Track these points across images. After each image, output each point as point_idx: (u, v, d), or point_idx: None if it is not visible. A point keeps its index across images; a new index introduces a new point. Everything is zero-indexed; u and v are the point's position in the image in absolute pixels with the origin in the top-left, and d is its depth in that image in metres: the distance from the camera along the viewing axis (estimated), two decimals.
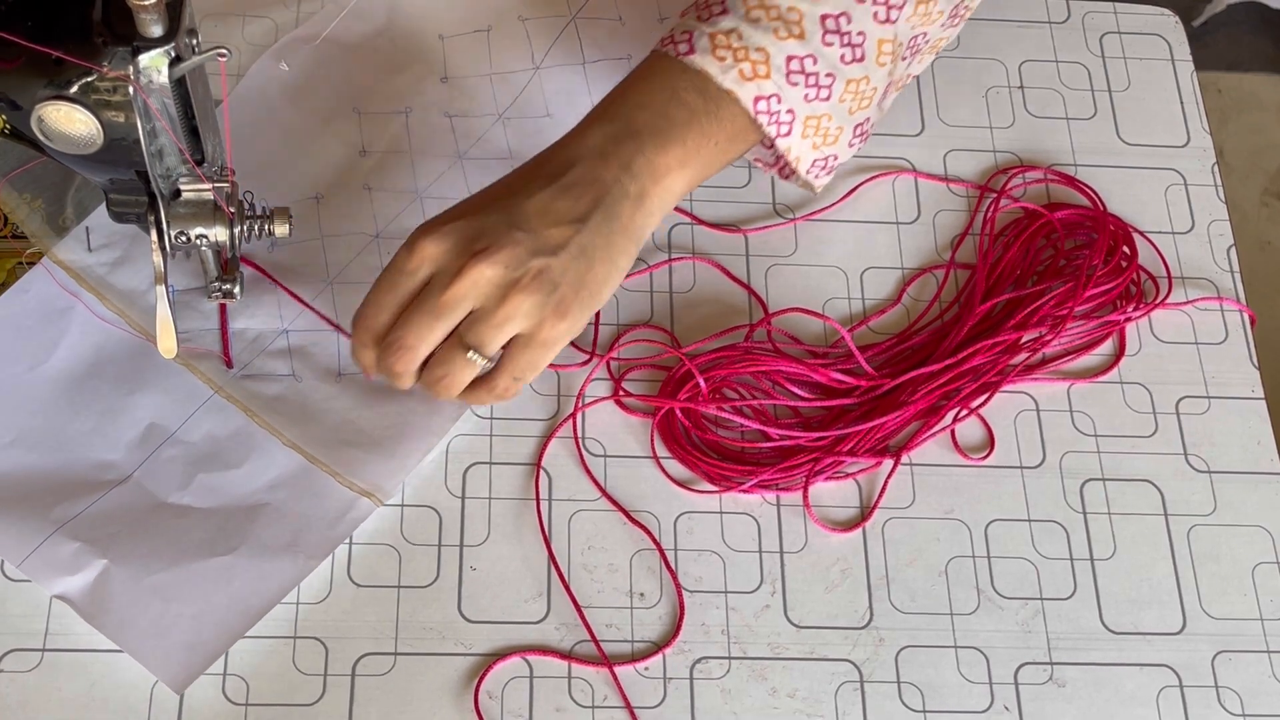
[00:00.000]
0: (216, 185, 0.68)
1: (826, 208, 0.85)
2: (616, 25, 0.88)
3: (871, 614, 0.74)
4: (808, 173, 0.75)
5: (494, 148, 0.84)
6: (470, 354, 0.68)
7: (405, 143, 0.84)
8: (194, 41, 0.63)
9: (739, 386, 0.78)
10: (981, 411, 0.79)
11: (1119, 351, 0.82)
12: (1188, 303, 0.84)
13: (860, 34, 0.71)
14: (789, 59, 0.70)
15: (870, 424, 0.77)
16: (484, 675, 0.70)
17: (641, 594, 0.74)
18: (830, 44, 0.71)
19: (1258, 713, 0.73)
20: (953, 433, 0.79)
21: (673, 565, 0.74)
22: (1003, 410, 0.80)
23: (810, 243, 0.84)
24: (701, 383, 0.76)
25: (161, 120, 0.63)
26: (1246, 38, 1.94)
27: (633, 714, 0.71)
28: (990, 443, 0.79)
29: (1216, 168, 0.89)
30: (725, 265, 0.82)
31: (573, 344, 0.79)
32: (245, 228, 0.70)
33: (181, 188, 0.68)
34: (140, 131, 0.63)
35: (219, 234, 0.68)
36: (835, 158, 0.75)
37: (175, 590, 0.70)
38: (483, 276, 0.66)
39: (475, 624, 0.72)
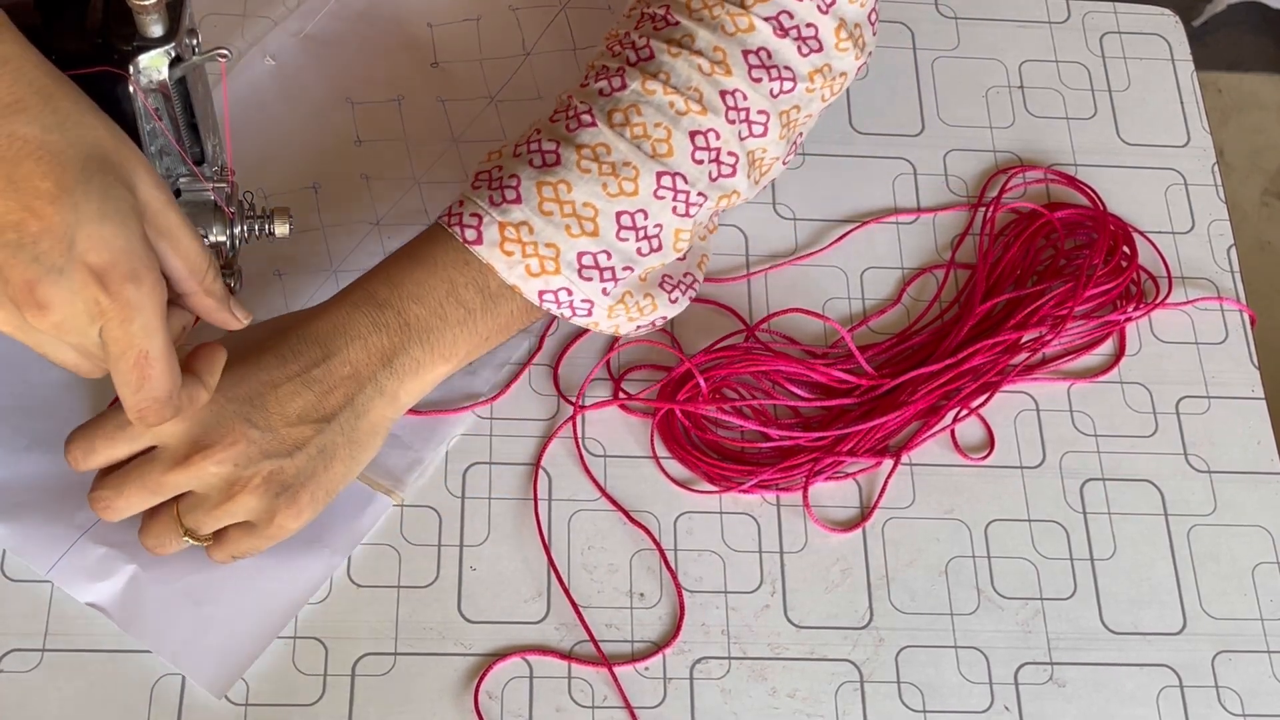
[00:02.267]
0: (216, 185, 0.68)
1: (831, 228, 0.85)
2: (606, 13, 0.89)
3: (871, 614, 0.74)
4: (637, 331, 0.73)
5: (487, 130, 0.85)
6: (184, 537, 0.66)
7: (399, 130, 0.84)
8: (194, 41, 0.63)
9: (739, 387, 0.78)
10: (981, 411, 0.79)
11: (1119, 351, 0.82)
12: (1188, 303, 0.84)
13: (658, 226, 0.69)
14: (580, 255, 0.68)
15: (870, 424, 0.77)
16: (484, 675, 0.70)
17: (641, 594, 0.74)
18: (625, 239, 0.68)
19: (1258, 713, 0.73)
20: (953, 433, 0.79)
21: (672, 565, 0.74)
22: (1003, 410, 0.80)
23: (810, 243, 0.84)
24: (702, 383, 0.76)
25: (160, 121, 0.63)
26: (1246, 38, 1.94)
27: (633, 714, 0.71)
28: (990, 443, 0.79)
29: (1216, 168, 0.89)
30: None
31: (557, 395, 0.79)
32: (245, 228, 0.70)
33: (181, 188, 0.68)
34: (140, 131, 0.63)
35: (219, 234, 0.68)
36: (664, 317, 0.72)
37: (206, 592, 0.70)
38: (206, 472, 0.64)
39: (475, 624, 0.72)
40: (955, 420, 0.79)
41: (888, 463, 0.77)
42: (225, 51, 0.62)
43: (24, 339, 0.58)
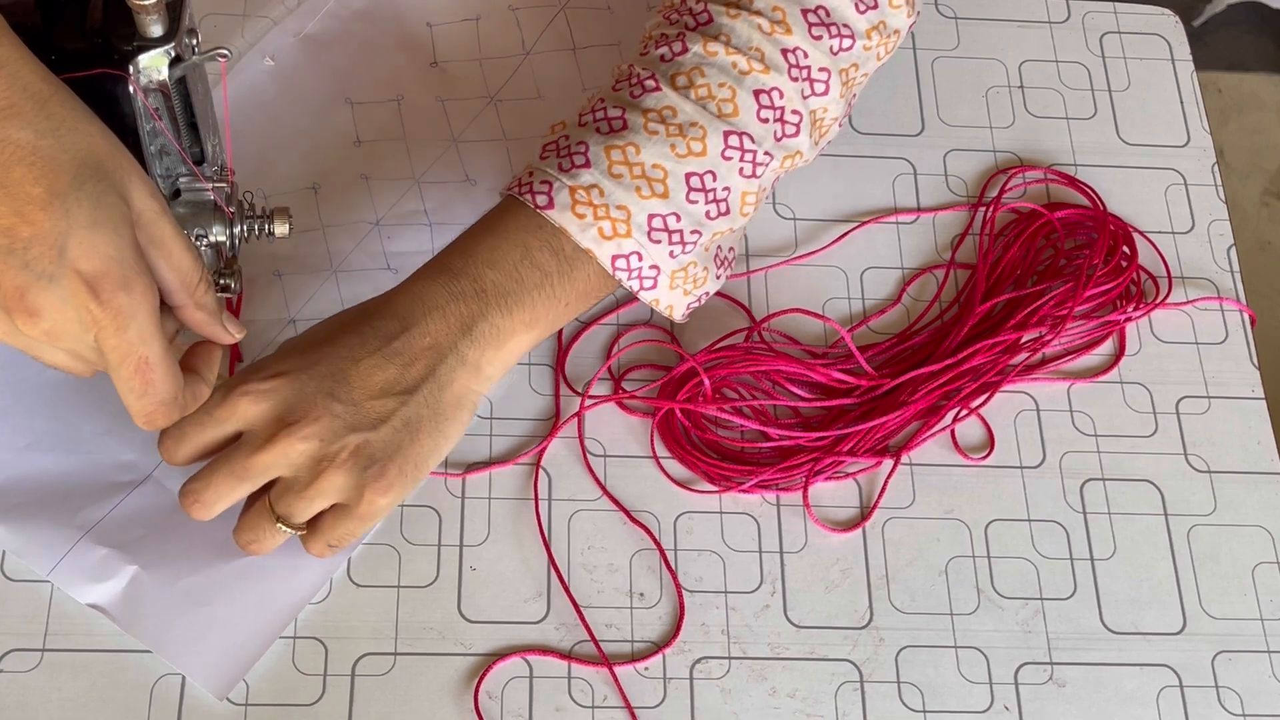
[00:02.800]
0: (216, 185, 0.68)
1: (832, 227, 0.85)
2: (605, 14, 0.89)
3: (871, 614, 0.74)
4: (683, 316, 0.73)
5: (487, 130, 0.85)
6: (279, 525, 0.66)
7: (399, 130, 0.84)
8: (194, 41, 0.63)
9: (739, 386, 0.78)
10: (981, 411, 0.79)
11: (1119, 351, 0.82)
12: (1188, 303, 0.84)
13: (725, 189, 0.69)
14: (651, 217, 0.68)
15: (870, 424, 0.77)
16: (484, 675, 0.70)
17: (641, 594, 0.74)
18: (695, 201, 0.69)
19: (1258, 713, 0.73)
20: (953, 433, 0.79)
21: (673, 565, 0.74)
22: (1003, 410, 0.80)
23: (810, 242, 0.84)
24: (706, 381, 0.76)
25: (160, 121, 0.63)
26: (1246, 38, 1.94)
27: (633, 714, 0.71)
28: (990, 443, 0.79)
29: (1216, 168, 0.89)
30: None
31: (568, 382, 0.79)
32: (245, 227, 0.70)
33: (181, 187, 0.68)
34: (140, 131, 0.63)
35: (219, 234, 0.68)
36: (708, 293, 0.73)
37: (207, 593, 0.70)
38: (293, 449, 0.63)
39: (475, 624, 0.72)
40: (955, 420, 0.79)
41: (888, 463, 0.77)
42: (225, 51, 0.62)
43: (15, 344, 0.58)
